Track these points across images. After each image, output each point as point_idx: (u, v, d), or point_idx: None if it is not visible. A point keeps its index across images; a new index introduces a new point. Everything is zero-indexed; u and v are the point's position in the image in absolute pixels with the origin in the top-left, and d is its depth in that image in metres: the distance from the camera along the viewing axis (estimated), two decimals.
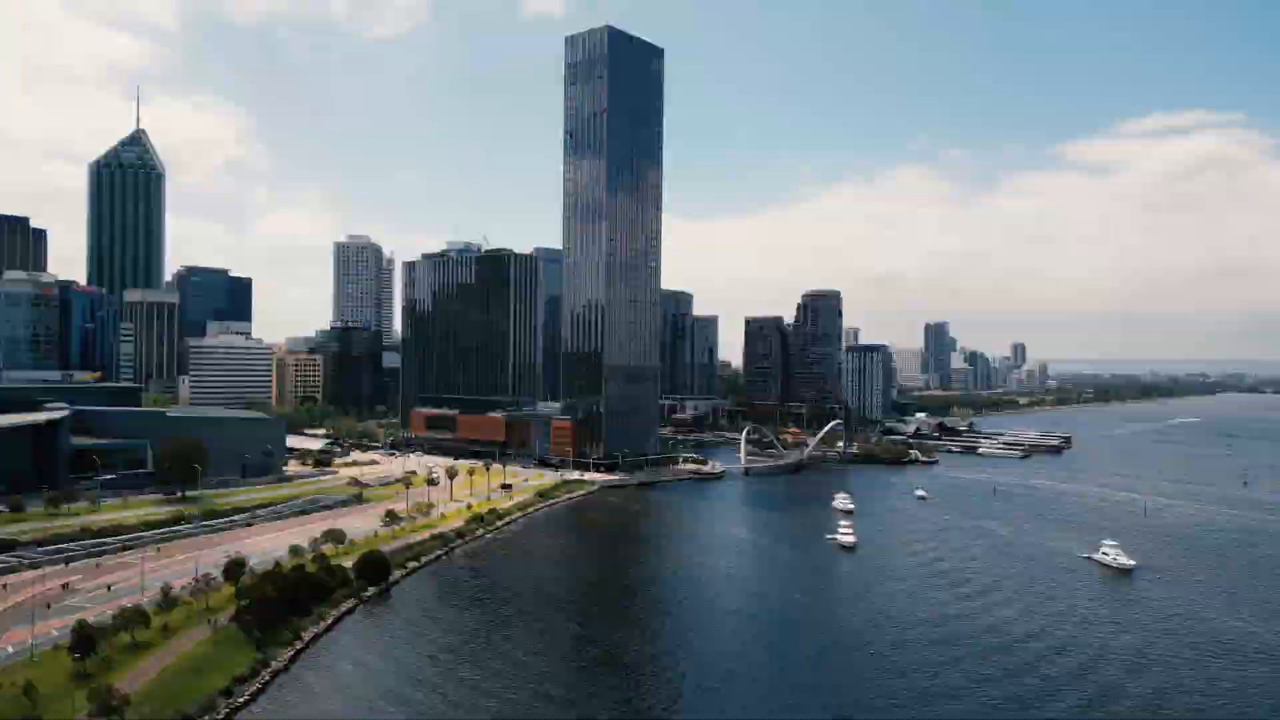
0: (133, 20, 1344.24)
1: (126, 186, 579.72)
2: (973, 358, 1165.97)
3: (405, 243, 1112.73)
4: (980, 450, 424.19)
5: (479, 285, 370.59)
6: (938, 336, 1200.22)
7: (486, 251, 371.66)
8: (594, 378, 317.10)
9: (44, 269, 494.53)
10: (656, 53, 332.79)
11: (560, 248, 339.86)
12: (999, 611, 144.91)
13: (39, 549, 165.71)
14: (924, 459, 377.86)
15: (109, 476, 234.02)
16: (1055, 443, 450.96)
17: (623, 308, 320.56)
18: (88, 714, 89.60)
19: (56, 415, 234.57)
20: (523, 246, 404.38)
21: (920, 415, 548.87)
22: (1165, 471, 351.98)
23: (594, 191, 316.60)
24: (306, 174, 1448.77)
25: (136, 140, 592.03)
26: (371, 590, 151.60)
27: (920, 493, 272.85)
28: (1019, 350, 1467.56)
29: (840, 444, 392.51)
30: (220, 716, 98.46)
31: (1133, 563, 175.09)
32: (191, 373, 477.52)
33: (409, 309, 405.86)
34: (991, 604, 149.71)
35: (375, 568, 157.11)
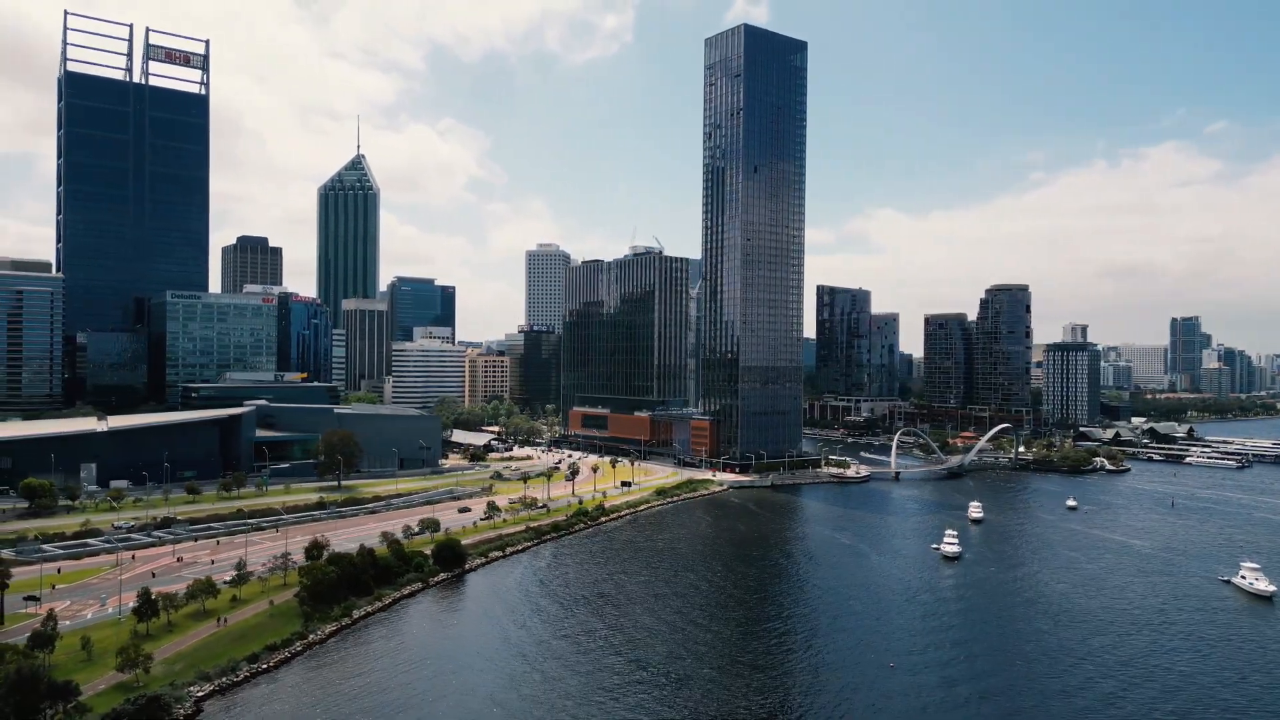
0: (384, 62, 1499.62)
1: (347, 205, 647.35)
2: (1229, 356, 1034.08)
3: (612, 250, 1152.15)
4: (1188, 459, 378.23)
5: (631, 288, 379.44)
6: (1186, 333, 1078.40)
7: (637, 255, 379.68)
8: (732, 378, 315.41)
9: (279, 283, 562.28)
10: (797, 47, 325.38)
11: None
12: (1065, 632, 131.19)
13: (191, 526, 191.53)
14: (1111, 467, 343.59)
15: (282, 466, 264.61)
16: None
17: (760, 307, 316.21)
18: (117, 668, 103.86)
19: (239, 411, 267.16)
20: (697, 250, 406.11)
21: (1135, 420, 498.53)
22: None
23: (731, 191, 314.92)
24: (534, 189, 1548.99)
25: (356, 165, 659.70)
26: (442, 576, 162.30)
27: (1071, 503, 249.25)
28: None
29: (1018, 448, 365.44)
30: (239, 679, 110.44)
31: (1273, 588, 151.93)
32: (394, 373, 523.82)
33: (572, 312, 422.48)
34: (1066, 626, 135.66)
35: (450, 555, 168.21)
